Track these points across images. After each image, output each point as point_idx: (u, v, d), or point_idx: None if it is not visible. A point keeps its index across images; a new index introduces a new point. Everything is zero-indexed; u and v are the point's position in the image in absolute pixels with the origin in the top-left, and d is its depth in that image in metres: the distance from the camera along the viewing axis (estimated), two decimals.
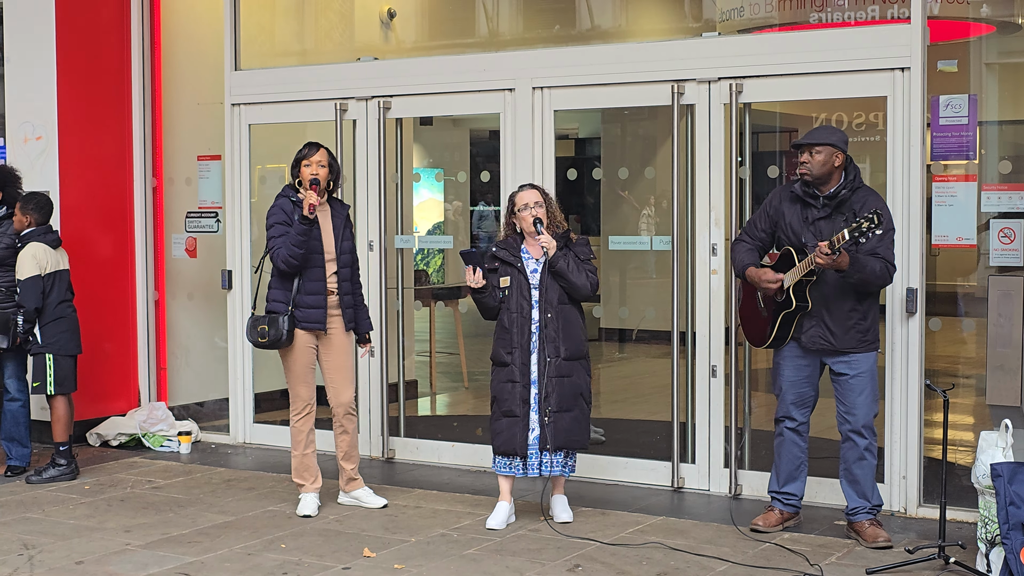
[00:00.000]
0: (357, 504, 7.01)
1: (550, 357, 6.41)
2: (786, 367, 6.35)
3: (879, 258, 6.02)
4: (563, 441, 6.42)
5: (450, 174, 13.55)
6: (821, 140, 6.11)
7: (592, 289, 6.48)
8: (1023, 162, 7.39)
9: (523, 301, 6.48)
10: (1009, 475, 5.43)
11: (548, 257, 6.40)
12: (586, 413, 6.54)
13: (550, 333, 6.43)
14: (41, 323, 7.64)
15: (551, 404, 6.39)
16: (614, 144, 10.98)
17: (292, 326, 6.72)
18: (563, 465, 6.50)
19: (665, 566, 5.85)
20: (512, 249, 6.56)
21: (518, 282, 6.51)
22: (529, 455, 6.44)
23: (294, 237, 6.60)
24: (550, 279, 6.45)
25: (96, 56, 8.88)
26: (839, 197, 6.14)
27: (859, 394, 6.19)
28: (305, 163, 6.75)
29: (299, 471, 6.91)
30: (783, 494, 6.45)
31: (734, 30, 7.90)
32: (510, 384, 6.46)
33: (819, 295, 6.14)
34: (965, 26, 7.46)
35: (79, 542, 6.34)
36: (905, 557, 5.82)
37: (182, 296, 9.42)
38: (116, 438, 8.77)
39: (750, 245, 6.45)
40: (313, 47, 9.66)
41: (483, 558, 6.00)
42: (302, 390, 6.86)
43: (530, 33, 9.11)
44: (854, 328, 6.15)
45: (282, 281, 6.76)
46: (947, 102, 6.75)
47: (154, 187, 9.22)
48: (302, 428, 6.88)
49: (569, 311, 6.50)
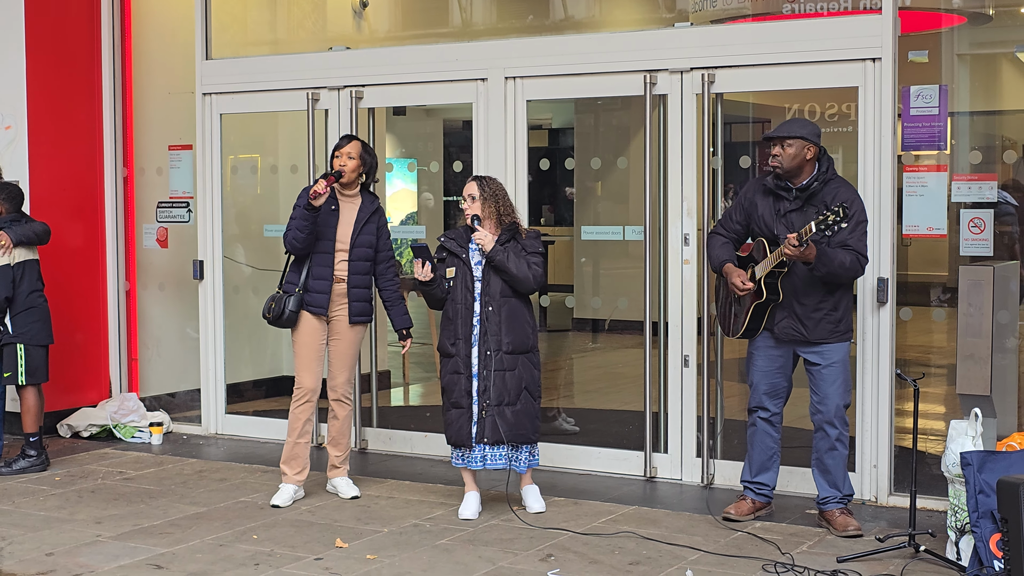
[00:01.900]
0: (335, 493, 7.00)
1: (491, 351, 6.39)
2: (759, 357, 6.37)
3: (850, 250, 6.03)
4: (506, 435, 6.37)
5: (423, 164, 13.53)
6: (792, 133, 6.11)
7: (534, 282, 6.42)
8: (993, 152, 7.43)
9: (467, 293, 6.46)
10: (979, 464, 5.46)
11: (485, 253, 6.40)
12: (533, 407, 6.49)
13: (492, 326, 6.40)
14: (12, 313, 7.58)
15: (489, 398, 6.37)
16: (587, 134, 10.98)
17: (299, 307, 6.76)
18: (511, 459, 6.45)
19: (637, 555, 5.86)
20: (460, 239, 6.54)
21: (463, 273, 6.48)
22: (475, 447, 6.44)
23: (298, 222, 6.66)
24: (492, 272, 6.43)
25: (66, 45, 8.82)
26: (810, 189, 6.14)
27: (831, 384, 6.21)
28: (336, 154, 6.79)
29: (286, 459, 6.89)
30: (755, 483, 6.47)
31: (706, 20, 7.90)
32: (455, 375, 6.46)
33: (790, 286, 6.16)
34: (936, 17, 7.48)
35: (49, 534, 6.30)
36: (876, 545, 5.85)
37: (153, 286, 9.37)
38: (87, 429, 8.73)
39: (725, 238, 6.45)
40: (285, 36, 9.61)
41: (456, 548, 5.99)
42: (305, 377, 6.84)
43: (503, 23, 9.09)
44: (825, 319, 6.17)
45: (298, 264, 6.85)
46: (918, 92, 6.77)
47: (125, 177, 9.17)
48: (299, 416, 6.86)
49: (515, 304, 6.46)
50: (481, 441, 6.39)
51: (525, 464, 6.53)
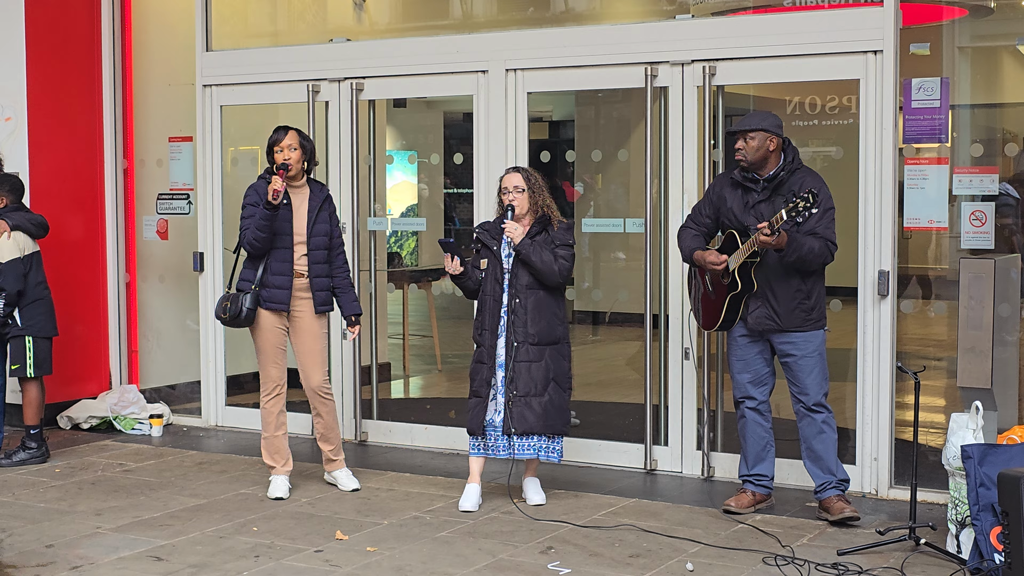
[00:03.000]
0: (335, 485, 7.00)
1: (517, 341, 6.42)
2: (737, 347, 6.42)
3: (818, 237, 6.09)
4: (530, 426, 6.40)
5: (424, 156, 13.52)
6: (754, 126, 6.19)
7: (560, 275, 6.44)
8: (994, 145, 7.43)
9: (496, 285, 6.52)
10: (979, 457, 5.46)
11: (513, 245, 6.42)
12: (562, 398, 6.52)
13: (518, 317, 6.44)
14: (20, 305, 7.58)
15: (516, 388, 6.40)
16: (588, 126, 10.98)
17: (255, 305, 6.72)
18: (539, 449, 6.49)
19: (638, 548, 5.86)
20: (493, 231, 6.59)
21: (493, 265, 6.54)
22: (491, 436, 6.47)
23: (258, 221, 6.61)
24: (520, 264, 6.47)
25: (66, 36, 8.81)
26: (777, 179, 6.22)
27: (808, 374, 6.26)
28: (276, 148, 6.73)
29: (269, 452, 6.90)
30: (754, 476, 6.48)
31: (708, 12, 7.89)
32: (479, 365, 6.53)
33: (763, 276, 6.21)
34: (938, 9, 7.48)
35: (49, 525, 6.30)
36: (876, 538, 5.85)
37: (153, 278, 9.36)
38: (87, 421, 8.73)
39: (696, 231, 6.51)
40: (285, 28, 9.60)
41: (456, 540, 5.99)
42: (271, 370, 6.84)
43: (504, 15, 9.08)
44: (799, 307, 6.21)
45: (252, 261, 6.78)
46: (919, 85, 6.76)
47: (125, 168, 9.16)
48: (271, 409, 6.86)
49: (542, 296, 6.48)
50: (508, 432, 6.41)
51: (558, 454, 6.54)
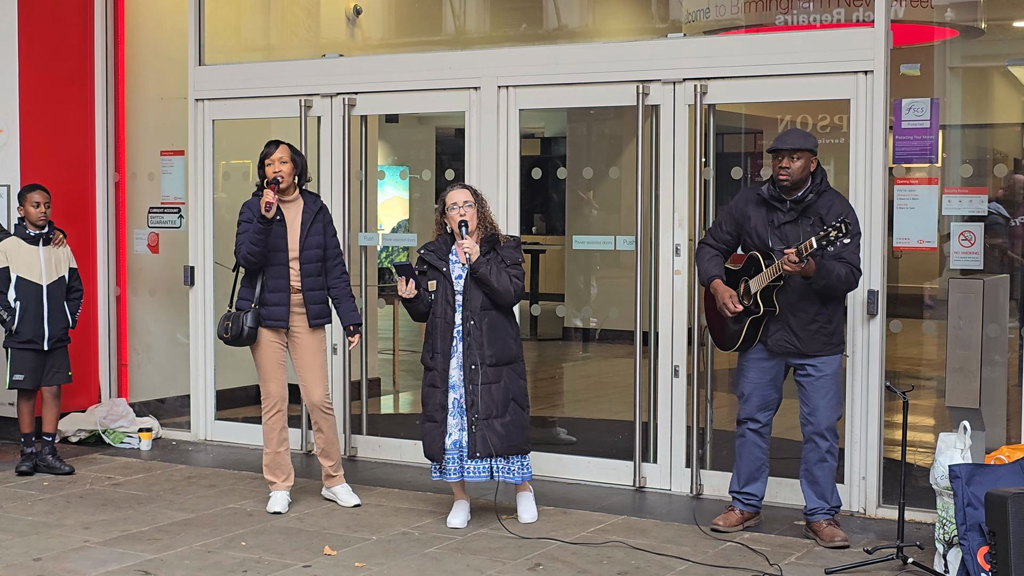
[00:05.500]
0: (334, 501, 6.99)
1: (474, 364, 6.34)
2: (751, 370, 6.36)
3: (844, 263, 6.04)
4: (496, 448, 6.32)
5: (415, 172, 13.53)
6: (800, 146, 6.09)
7: (515, 295, 6.37)
8: (984, 166, 7.45)
9: (447, 306, 6.41)
10: (967, 476, 5.47)
11: (470, 263, 6.35)
12: (521, 416, 6.46)
13: (474, 340, 6.35)
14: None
15: (478, 411, 6.34)
16: (580, 144, 10.99)
17: (256, 323, 6.71)
18: (506, 470, 6.39)
19: (626, 565, 5.86)
20: (440, 252, 6.48)
21: (443, 287, 6.43)
22: (449, 459, 6.40)
23: (251, 235, 6.61)
24: (473, 285, 6.38)
25: (59, 49, 8.82)
26: (806, 201, 6.15)
27: (823, 396, 6.21)
28: (267, 162, 6.74)
29: (270, 468, 6.88)
30: (744, 494, 6.47)
31: (700, 31, 7.92)
32: (431, 389, 6.45)
33: (784, 299, 6.15)
34: (929, 30, 7.51)
35: (37, 539, 6.28)
36: (864, 557, 5.85)
37: (144, 292, 9.36)
38: (76, 434, 8.71)
39: (715, 250, 6.44)
40: (278, 43, 9.62)
41: (444, 556, 5.99)
42: (272, 387, 6.84)
43: (496, 32, 9.10)
44: (819, 332, 6.17)
45: (249, 279, 6.78)
46: (909, 105, 6.79)
47: (116, 182, 9.16)
48: (273, 426, 6.85)
49: (495, 316, 6.39)
50: (473, 456, 6.35)
51: (518, 475, 6.48)
